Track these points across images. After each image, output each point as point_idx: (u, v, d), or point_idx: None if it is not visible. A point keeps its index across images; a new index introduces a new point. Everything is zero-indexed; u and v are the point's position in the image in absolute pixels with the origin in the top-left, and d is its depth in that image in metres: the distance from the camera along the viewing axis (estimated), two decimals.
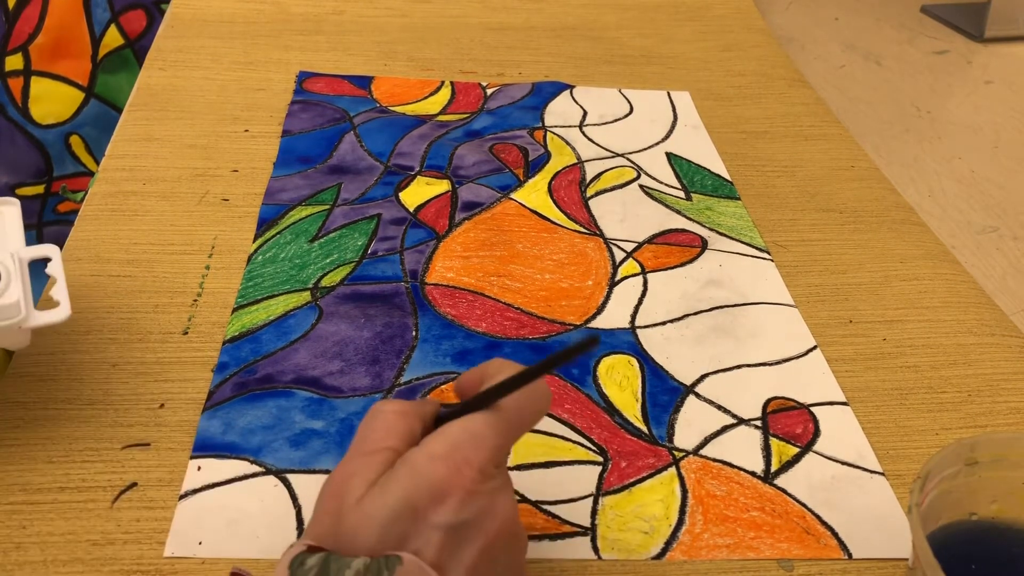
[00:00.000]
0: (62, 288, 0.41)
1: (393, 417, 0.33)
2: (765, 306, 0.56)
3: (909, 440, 0.48)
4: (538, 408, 0.34)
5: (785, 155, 0.72)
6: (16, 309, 0.40)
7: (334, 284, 0.54)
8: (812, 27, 1.11)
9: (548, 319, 0.53)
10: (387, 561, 0.28)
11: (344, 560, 0.29)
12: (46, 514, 0.40)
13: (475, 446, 0.31)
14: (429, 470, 0.30)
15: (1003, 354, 0.54)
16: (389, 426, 0.32)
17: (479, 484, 0.30)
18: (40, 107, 0.84)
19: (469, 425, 0.31)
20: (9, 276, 0.41)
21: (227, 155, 0.64)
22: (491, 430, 0.31)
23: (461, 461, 0.30)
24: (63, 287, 0.41)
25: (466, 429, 0.31)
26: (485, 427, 0.31)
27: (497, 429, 0.32)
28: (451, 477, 0.30)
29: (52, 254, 0.43)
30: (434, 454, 0.30)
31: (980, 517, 0.39)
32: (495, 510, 0.31)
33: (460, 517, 0.30)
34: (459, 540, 0.30)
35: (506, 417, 0.32)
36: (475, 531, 0.30)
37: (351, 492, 0.30)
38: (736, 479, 0.45)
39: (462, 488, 0.30)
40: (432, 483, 0.30)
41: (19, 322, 0.40)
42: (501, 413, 0.32)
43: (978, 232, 0.74)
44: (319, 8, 0.85)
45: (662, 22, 0.91)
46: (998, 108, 0.97)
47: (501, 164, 0.66)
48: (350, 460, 0.32)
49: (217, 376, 0.47)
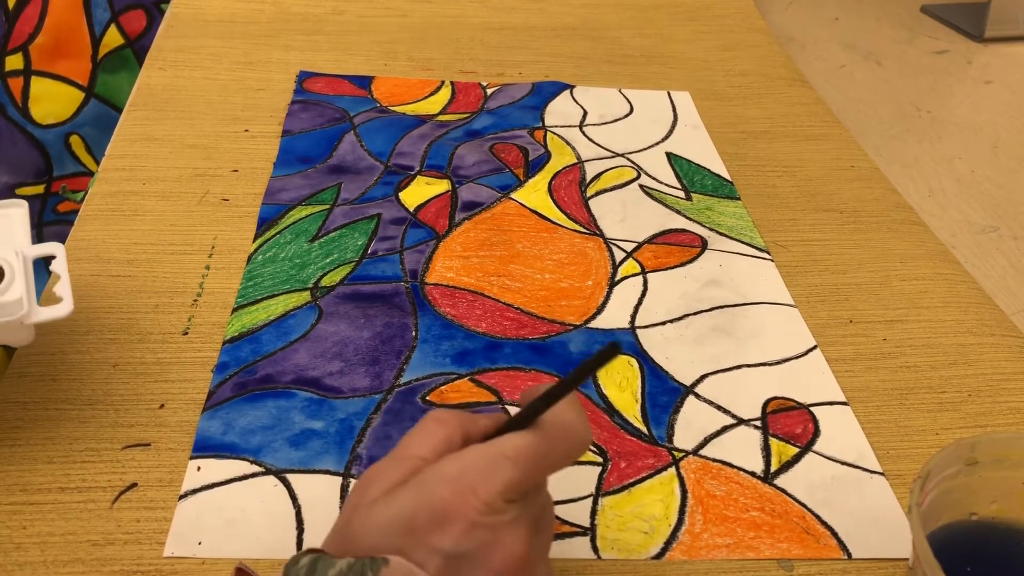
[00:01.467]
0: (65, 284, 0.42)
1: (433, 425, 0.32)
2: (765, 306, 0.56)
3: (909, 440, 0.48)
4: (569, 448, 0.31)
5: (785, 155, 0.72)
6: (19, 305, 0.41)
7: (334, 284, 0.54)
8: (812, 27, 1.11)
9: (548, 319, 0.53)
10: (372, 562, 0.28)
11: (331, 560, 0.28)
12: (46, 514, 0.40)
13: (485, 476, 0.29)
14: (434, 491, 0.29)
15: (1003, 354, 0.54)
16: (427, 434, 0.31)
17: (482, 516, 0.28)
18: (40, 107, 0.84)
19: (490, 451, 0.29)
20: (13, 273, 0.42)
21: (227, 155, 0.64)
22: (509, 463, 0.29)
23: (467, 489, 0.28)
24: (67, 283, 0.42)
25: (485, 456, 0.29)
26: (504, 458, 0.29)
27: (517, 463, 0.29)
28: (454, 503, 0.28)
29: (57, 252, 0.44)
30: (444, 475, 0.29)
31: (980, 517, 0.39)
32: (500, 545, 0.29)
33: (460, 547, 0.28)
34: (460, 568, 0.29)
35: (533, 451, 0.30)
36: (477, 564, 0.29)
37: (368, 493, 0.30)
38: (736, 479, 0.45)
39: (464, 517, 0.28)
40: (434, 505, 0.28)
41: (21, 318, 0.41)
42: (530, 445, 0.30)
43: (978, 232, 0.74)
44: (319, 8, 0.85)
45: (662, 22, 0.91)
46: (998, 108, 0.97)
47: (501, 164, 0.66)
48: (382, 462, 0.31)
49: (217, 376, 0.47)
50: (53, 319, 0.41)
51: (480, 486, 0.29)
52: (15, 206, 0.46)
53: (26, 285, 0.42)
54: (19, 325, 0.41)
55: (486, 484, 0.29)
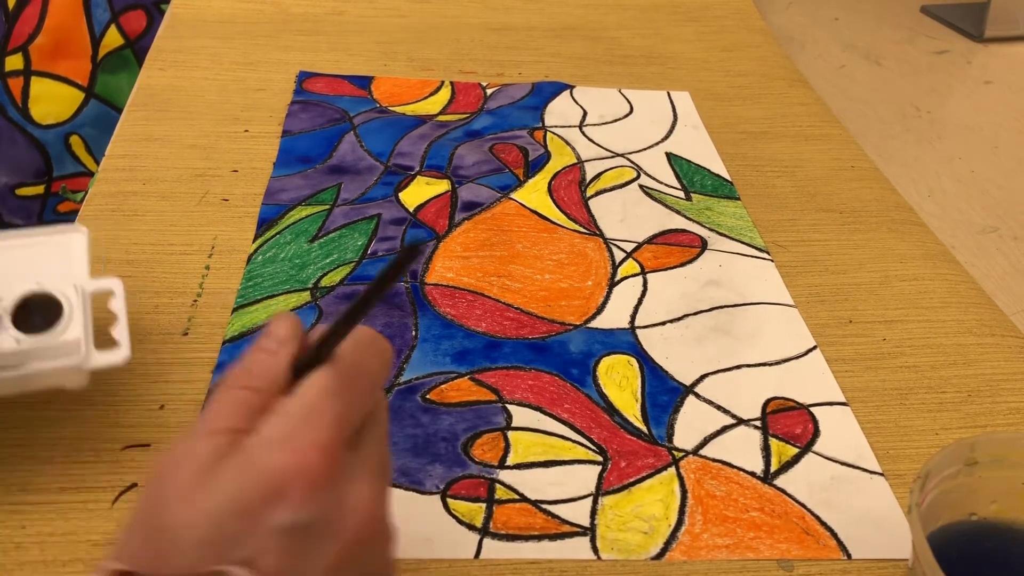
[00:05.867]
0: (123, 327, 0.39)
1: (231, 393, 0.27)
2: (765, 306, 0.56)
3: (909, 440, 0.48)
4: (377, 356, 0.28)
5: (785, 155, 0.72)
6: (76, 347, 0.38)
7: (334, 284, 0.54)
8: (812, 27, 1.11)
9: (548, 319, 0.53)
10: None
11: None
12: (46, 514, 0.40)
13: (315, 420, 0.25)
14: (264, 460, 0.25)
15: (1003, 354, 0.54)
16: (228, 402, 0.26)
17: (325, 472, 0.25)
18: (40, 107, 0.84)
19: (304, 399, 0.26)
20: (71, 310, 0.38)
21: (227, 155, 0.64)
22: (327, 394, 0.26)
23: (305, 445, 0.25)
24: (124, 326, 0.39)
25: (301, 405, 0.26)
26: (322, 394, 0.26)
27: (333, 391, 0.26)
28: (291, 466, 0.24)
29: (116, 288, 0.40)
30: (271, 439, 0.25)
31: (980, 517, 0.39)
32: (349, 504, 0.25)
33: (302, 516, 0.24)
34: (306, 545, 0.24)
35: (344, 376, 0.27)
36: (325, 533, 0.25)
37: (177, 483, 0.25)
38: (736, 479, 0.45)
39: (304, 479, 0.24)
40: (267, 476, 0.24)
41: (79, 362, 0.37)
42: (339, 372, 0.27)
43: (978, 232, 0.74)
44: (319, 8, 0.85)
45: (662, 22, 0.91)
46: (998, 108, 0.97)
47: (501, 164, 0.66)
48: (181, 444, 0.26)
49: (217, 377, 0.47)
50: (110, 366, 0.38)
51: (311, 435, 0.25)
52: (75, 231, 0.41)
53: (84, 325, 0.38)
54: (75, 370, 0.38)
55: (317, 431, 0.25)
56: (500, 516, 0.42)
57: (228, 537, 0.24)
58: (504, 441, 0.45)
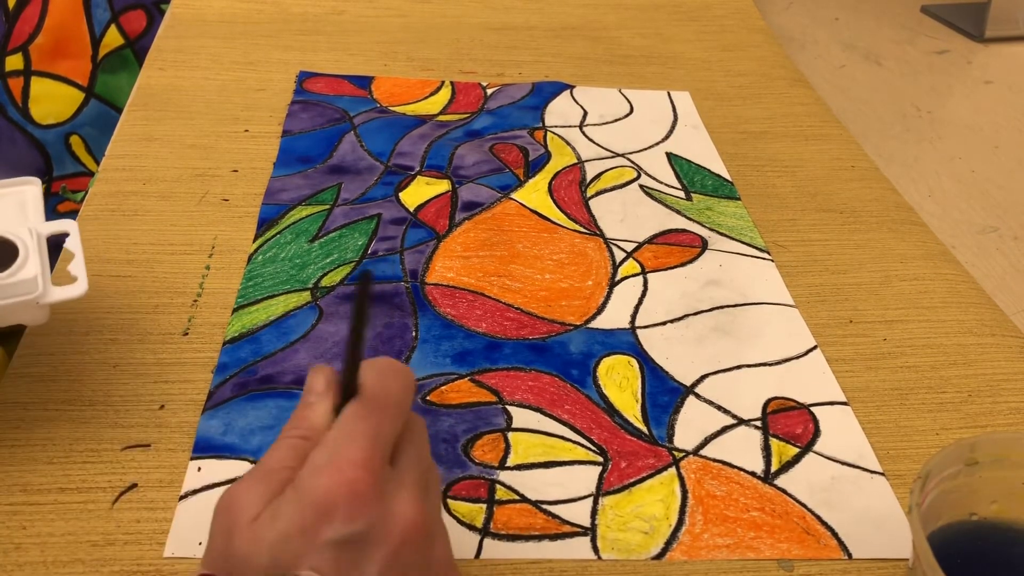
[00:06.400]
0: (80, 263, 0.41)
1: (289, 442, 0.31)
2: (765, 306, 0.56)
3: (909, 440, 0.48)
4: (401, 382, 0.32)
5: (785, 155, 0.72)
6: (34, 284, 0.40)
7: (334, 284, 0.54)
8: (812, 27, 1.11)
9: (548, 319, 0.53)
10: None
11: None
12: (46, 515, 0.40)
13: (351, 442, 0.28)
14: (313, 484, 0.28)
15: (1003, 354, 0.54)
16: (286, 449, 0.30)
17: (366, 485, 0.28)
18: (40, 107, 0.84)
19: (341, 428, 0.30)
20: (27, 251, 0.40)
21: (227, 155, 0.64)
22: (358, 419, 0.29)
23: (345, 464, 0.28)
24: (81, 262, 0.41)
25: (339, 433, 0.29)
26: (353, 419, 0.29)
27: (362, 415, 0.30)
28: (336, 485, 0.28)
29: (70, 229, 0.43)
30: (317, 466, 0.28)
31: (980, 517, 0.39)
32: (393, 514, 0.28)
33: (350, 529, 0.27)
34: (357, 554, 0.28)
35: (369, 401, 0.30)
36: (373, 541, 0.28)
37: (242, 514, 0.28)
38: (736, 479, 0.45)
39: (348, 494, 0.27)
40: (317, 497, 0.28)
41: (36, 297, 0.40)
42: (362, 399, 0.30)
43: (978, 232, 0.74)
44: (319, 8, 0.85)
45: (662, 22, 0.91)
46: (998, 108, 0.97)
47: (501, 164, 0.66)
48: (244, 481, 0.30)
49: (217, 377, 0.47)
50: (68, 299, 0.40)
51: (349, 455, 0.28)
52: (28, 183, 0.44)
53: (40, 263, 0.40)
54: (34, 305, 0.40)
55: (354, 451, 0.28)
56: (500, 516, 0.42)
57: (290, 556, 0.27)
58: (504, 442, 0.45)
